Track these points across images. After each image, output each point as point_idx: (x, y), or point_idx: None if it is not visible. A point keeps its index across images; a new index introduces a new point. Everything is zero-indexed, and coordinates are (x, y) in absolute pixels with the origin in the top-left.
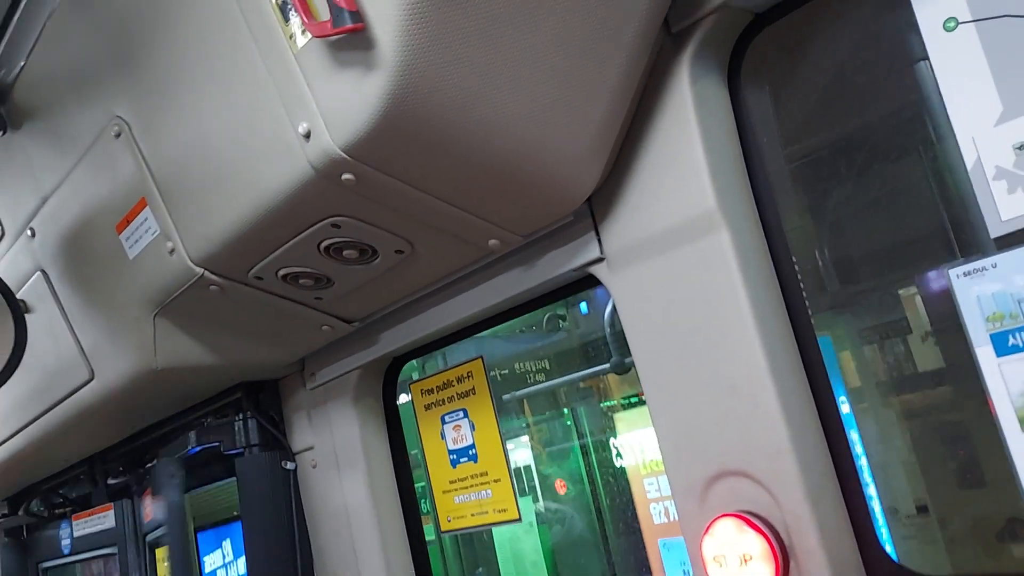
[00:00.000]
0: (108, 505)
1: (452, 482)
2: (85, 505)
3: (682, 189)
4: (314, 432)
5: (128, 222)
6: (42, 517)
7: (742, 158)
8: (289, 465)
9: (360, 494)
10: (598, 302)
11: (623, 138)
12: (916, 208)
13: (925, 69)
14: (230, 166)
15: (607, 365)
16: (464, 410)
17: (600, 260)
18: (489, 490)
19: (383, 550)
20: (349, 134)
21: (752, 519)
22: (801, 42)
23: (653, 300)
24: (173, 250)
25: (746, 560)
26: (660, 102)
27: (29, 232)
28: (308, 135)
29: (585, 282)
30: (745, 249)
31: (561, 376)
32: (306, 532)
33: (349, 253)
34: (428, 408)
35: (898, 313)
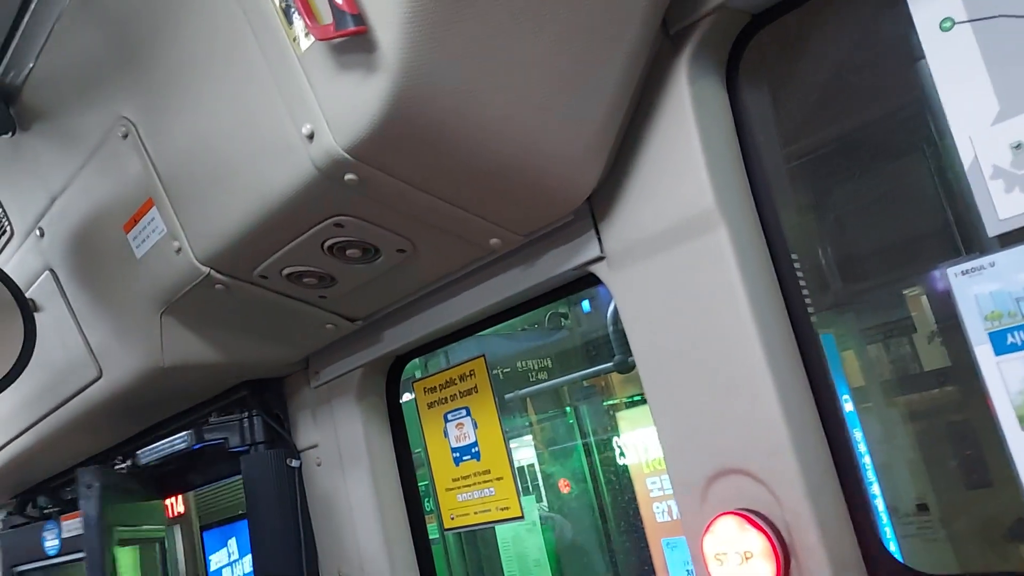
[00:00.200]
0: None
1: (455, 480)
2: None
3: (681, 188)
4: (318, 430)
5: (135, 222)
6: (32, 518)
7: (740, 157)
8: (294, 463)
9: (364, 491)
10: (601, 301)
11: (622, 138)
12: (916, 206)
13: (922, 69)
14: (235, 166)
15: (610, 364)
16: (467, 408)
17: (600, 259)
18: (492, 488)
19: (387, 547)
20: (352, 135)
21: (753, 517)
22: (798, 42)
23: (653, 298)
24: (180, 249)
25: (747, 558)
26: (659, 102)
27: (38, 232)
28: (311, 136)
29: (586, 281)
30: (744, 247)
31: (563, 375)
32: (311, 529)
33: (352, 252)
34: (431, 406)
35: (900, 311)
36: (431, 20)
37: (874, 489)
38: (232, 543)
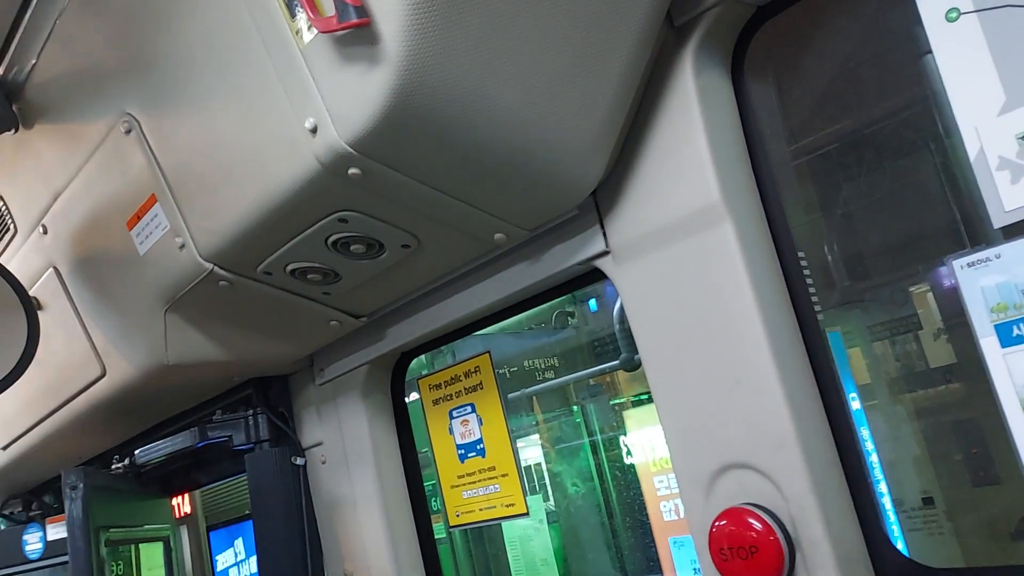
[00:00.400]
0: None
1: (460, 477)
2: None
3: (686, 182)
4: (323, 428)
5: (138, 218)
6: (16, 520)
7: (746, 151)
8: (299, 461)
9: (369, 489)
10: (607, 299)
11: (627, 132)
12: (924, 201)
13: (929, 61)
14: (238, 161)
15: (616, 362)
16: (472, 405)
17: (605, 254)
18: (497, 485)
19: (392, 545)
20: (355, 129)
21: (758, 511)
22: (804, 34)
23: (658, 293)
24: (183, 246)
25: (752, 552)
26: (664, 95)
27: (41, 229)
28: (315, 130)
29: (591, 276)
30: (749, 241)
31: (570, 374)
32: (316, 527)
33: (356, 248)
34: (436, 403)
35: (908, 308)
36: (434, 12)
37: (881, 487)
38: (239, 543)
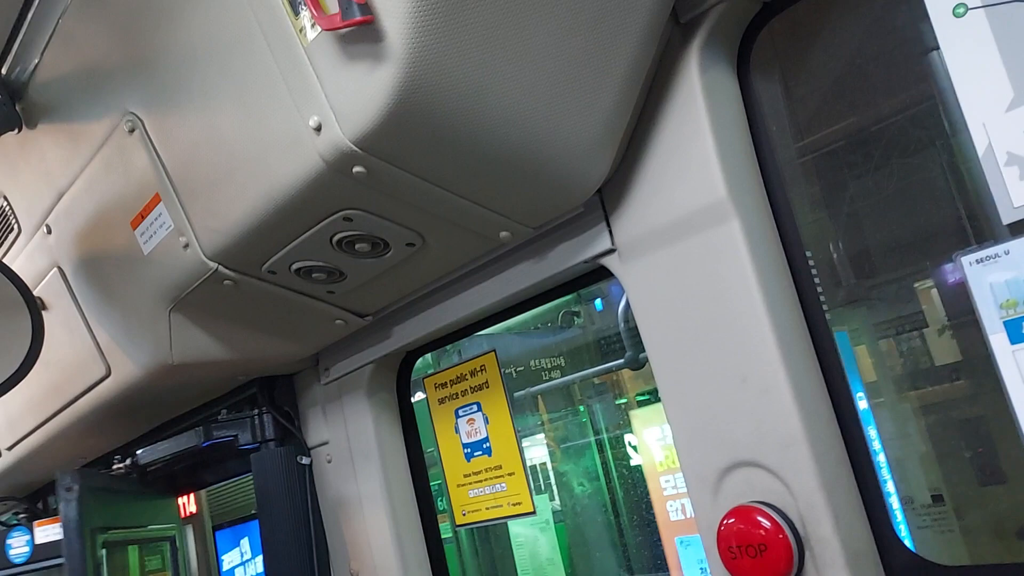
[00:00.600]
0: None
1: (466, 475)
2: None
3: (692, 179)
4: (329, 427)
5: (142, 218)
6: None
7: (752, 147)
8: (304, 460)
9: (375, 488)
10: (613, 298)
11: (633, 129)
12: (930, 199)
13: (938, 58)
14: (242, 160)
15: (621, 360)
16: (478, 403)
17: (611, 251)
18: (504, 483)
19: (398, 544)
20: (359, 127)
21: (766, 509)
22: (810, 31)
23: (665, 290)
24: (187, 245)
25: (761, 550)
26: (670, 92)
27: (45, 229)
28: (319, 128)
29: (597, 274)
30: (756, 238)
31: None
32: (321, 526)
33: (361, 246)
34: (442, 402)
35: (913, 306)
36: (438, 8)
37: (888, 487)
38: (245, 543)
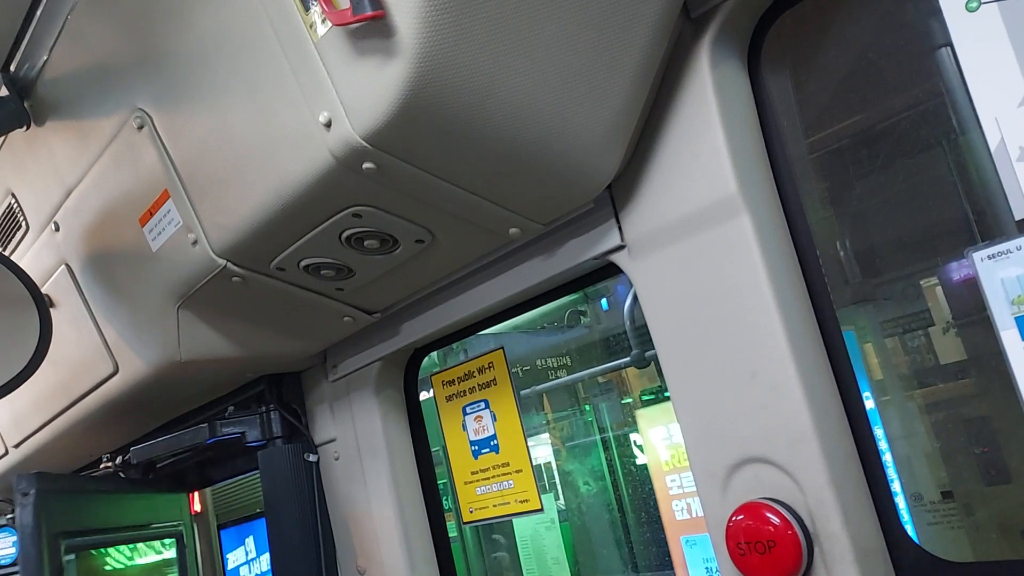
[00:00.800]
0: None
1: (474, 473)
2: None
3: (703, 175)
4: (336, 424)
5: (151, 214)
6: None
7: (763, 143)
8: (311, 457)
9: (382, 485)
10: (619, 297)
11: (643, 124)
12: (939, 197)
13: (947, 55)
14: (251, 156)
15: (627, 359)
16: (485, 401)
17: (621, 248)
18: (511, 480)
19: (406, 541)
20: (369, 122)
21: (775, 505)
22: (820, 26)
23: (674, 287)
24: (196, 242)
25: (770, 546)
26: (680, 88)
27: (53, 226)
28: (329, 124)
29: (606, 270)
30: (766, 234)
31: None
32: (328, 523)
33: (370, 243)
34: (449, 399)
35: (920, 304)
36: (449, 4)
37: (895, 486)
38: (250, 541)
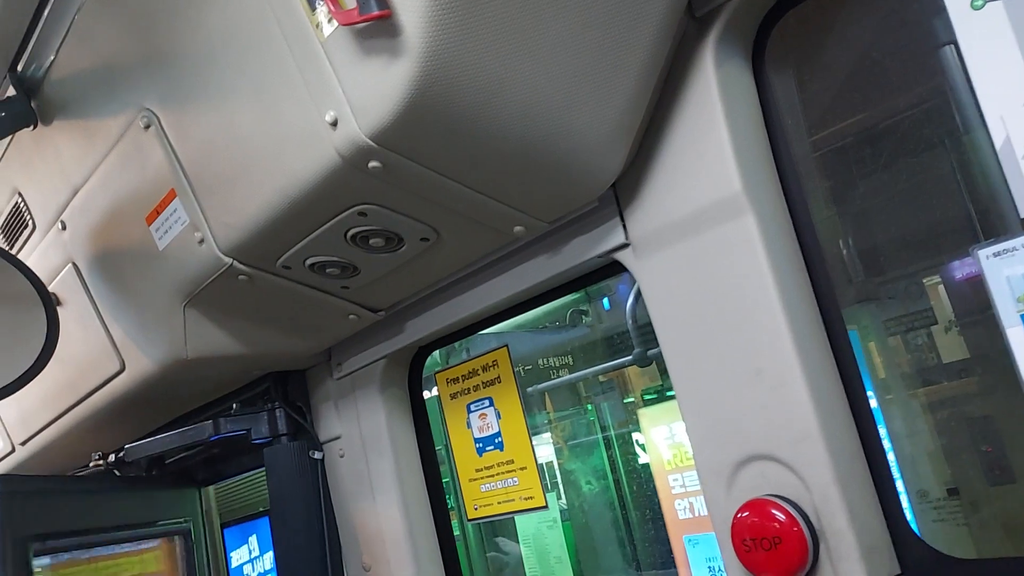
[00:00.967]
0: None
1: (478, 470)
2: None
3: (707, 173)
4: (341, 422)
5: (158, 213)
6: None
7: (767, 142)
8: (316, 454)
9: (387, 483)
10: (621, 297)
11: (648, 123)
12: (942, 195)
13: (951, 53)
14: (258, 155)
15: (629, 357)
16: (490, 398)
17: (625, 246)
18: (515, 478)
19: (410, 538)
20: (376, 121)
21: (781, 503)
22: (825, 24)
23: (679, 285)
24: (202, 240)
25: (776, 543)
26: (684, 87)
27: (60, 225)
28: (335, 123)
29: (610, 269)
30: (771, 233)
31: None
32: (334, 520)
33: (375, 241)
34: (454, 397)
35: (923, 303)
36: (456, 3)
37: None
38: (253, 540)
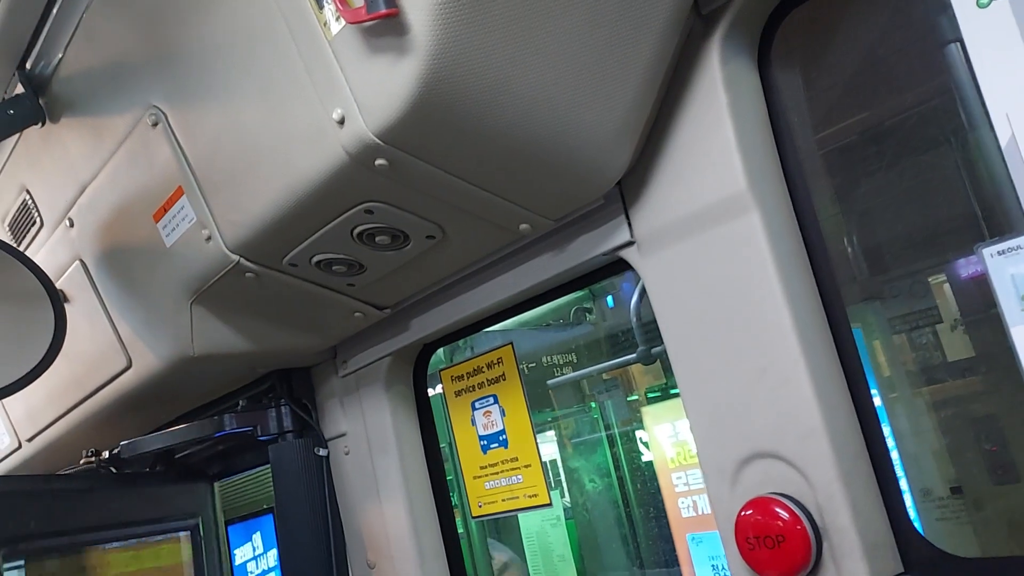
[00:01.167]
0: None
1: (483, 468)
2: None
3: (713, 171)
4: (346, 419)
5: (165, 210)
6: None
7: (772, 140)
8: (322, 451)
9: (392, 480)
10: (625, 295)
11: (653, 121)
12: (947, 193)
13: (957, 51)
14: (265, 153)
15: (633, 355)
16: (494, 396)
17: (630, 244)
18: (520, 475)
19: (415, 536)
20: (382, 119)
21: (784, 500)
22: (830, 22)
23: (684, 283)
24: (209, 238)
25: (779, 541)
26: (690, 84)
27: (67, 222)
28: (342, 121)
29: (615, 266)
30: (776, 231)
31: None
32: (339, 518)
33: (381, 239)
34: (458, 395)
35: (928, 302)
36: (463, 1)
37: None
38: (257, 537)
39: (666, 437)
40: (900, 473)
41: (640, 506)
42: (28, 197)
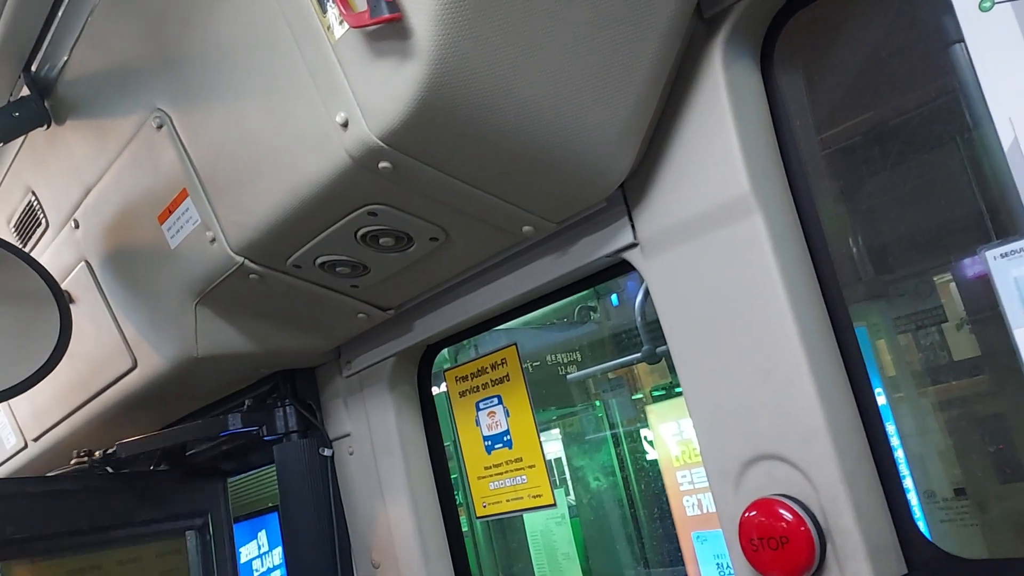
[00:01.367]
0: None
1: (487, 468)
2: None
3: (716, 174)
4: (350, 419)
5: (169, 212)
6: None
7: (775, 142)
8: (326, 452)
9: (396, 480)
10: (629, 294)
11: (656, 124)
12: (952, 194)
13: (961, 52)
14: (269, 156)
15: (638, 355)
16: (499, 396)
17: (634, 246)
18: (524, 475)
19: (419, 536)
20: (386, 123)
21: (788, 502)
22: (833, 24)
23: (687, 285)
24: (214, 239)
25: (783, 543)
26: (693, 87)
27: (73, 223)
28: (346, 124)
29: (618, 268)
30: (779, 233)
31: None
32: (343, 517)
33: (385, 241)
34: (463, 395)
35: (933, 301)
36: (466, 5)
37: (907, 483)
38: (262, 535)
39: (671, 435)
40: (905, 473)
41: (645, 504)
42: (34, 199)
